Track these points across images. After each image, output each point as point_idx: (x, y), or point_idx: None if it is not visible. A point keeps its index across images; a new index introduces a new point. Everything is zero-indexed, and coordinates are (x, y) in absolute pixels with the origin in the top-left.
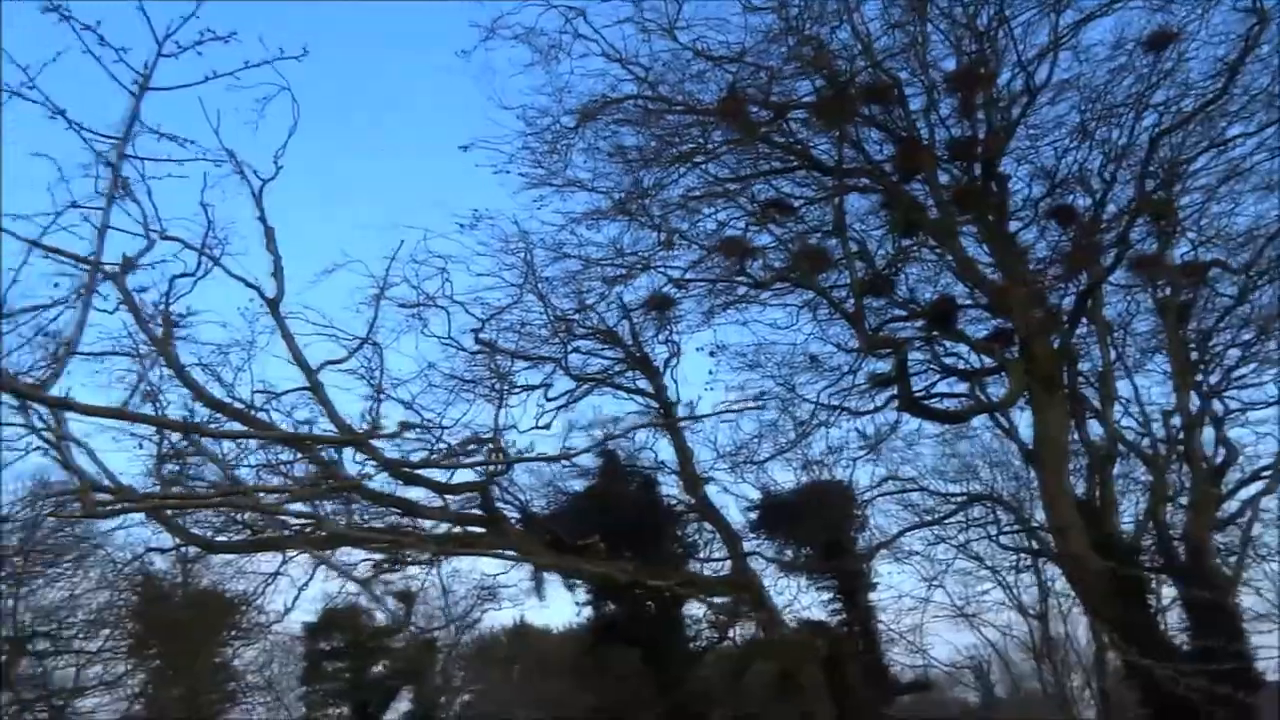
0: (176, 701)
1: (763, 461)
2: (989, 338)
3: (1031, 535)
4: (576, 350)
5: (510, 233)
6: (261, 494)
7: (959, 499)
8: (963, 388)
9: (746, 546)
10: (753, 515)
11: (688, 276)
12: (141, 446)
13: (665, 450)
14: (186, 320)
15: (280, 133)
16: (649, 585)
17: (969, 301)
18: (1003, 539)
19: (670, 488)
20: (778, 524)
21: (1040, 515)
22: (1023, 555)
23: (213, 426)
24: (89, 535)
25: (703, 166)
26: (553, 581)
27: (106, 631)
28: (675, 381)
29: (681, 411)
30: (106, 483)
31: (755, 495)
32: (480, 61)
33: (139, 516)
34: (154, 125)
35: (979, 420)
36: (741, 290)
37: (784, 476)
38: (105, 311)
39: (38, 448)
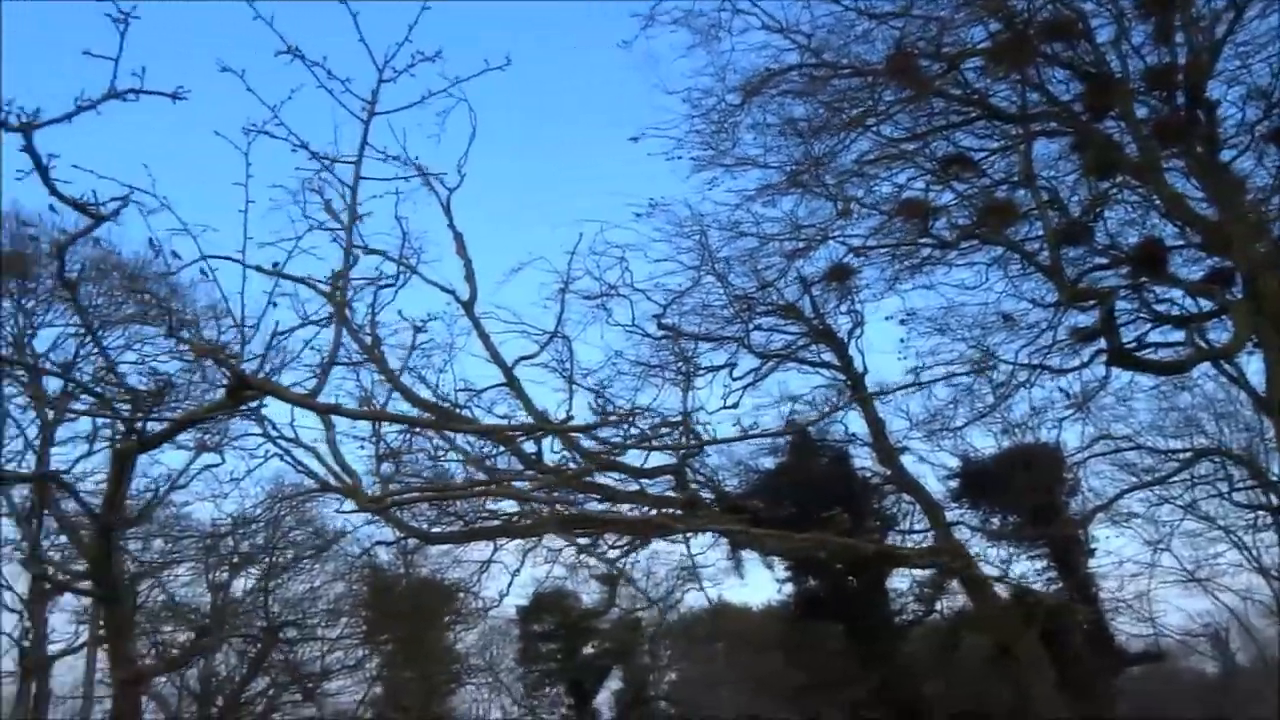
0: (409, 682)
1: (960, 428)
2: (1206, 279)
3: (1270, 490)
4: (759, 328)
5: (684, 217)
6: (515, 482)
7: (1183, 456)
8: (1179, 335)
9: (949, 517)
10: (953, 484)
11: (868, 244)
12: (363, 448)
13: (856, 423)
14: (393, 328)
15: (458, 141)
16: (851, 560)
17: (1180, 242)
18: (1236, 496)
19: (864, 460)
20: (980, 492)
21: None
22: (1261, 512)
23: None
24: (323, 532)
25: (875, 129)
26: (751, 559)
27: (344, 620)
28: (861, 352)
29: (870, 383)
30: (349, 481)
31: (954, 463)
32: (642, 51)
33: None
34: (380, 148)
35: (1200, 369)
36: (926, 253)
37: (984, 442)
38: (317, 324)
39: (275, 454)
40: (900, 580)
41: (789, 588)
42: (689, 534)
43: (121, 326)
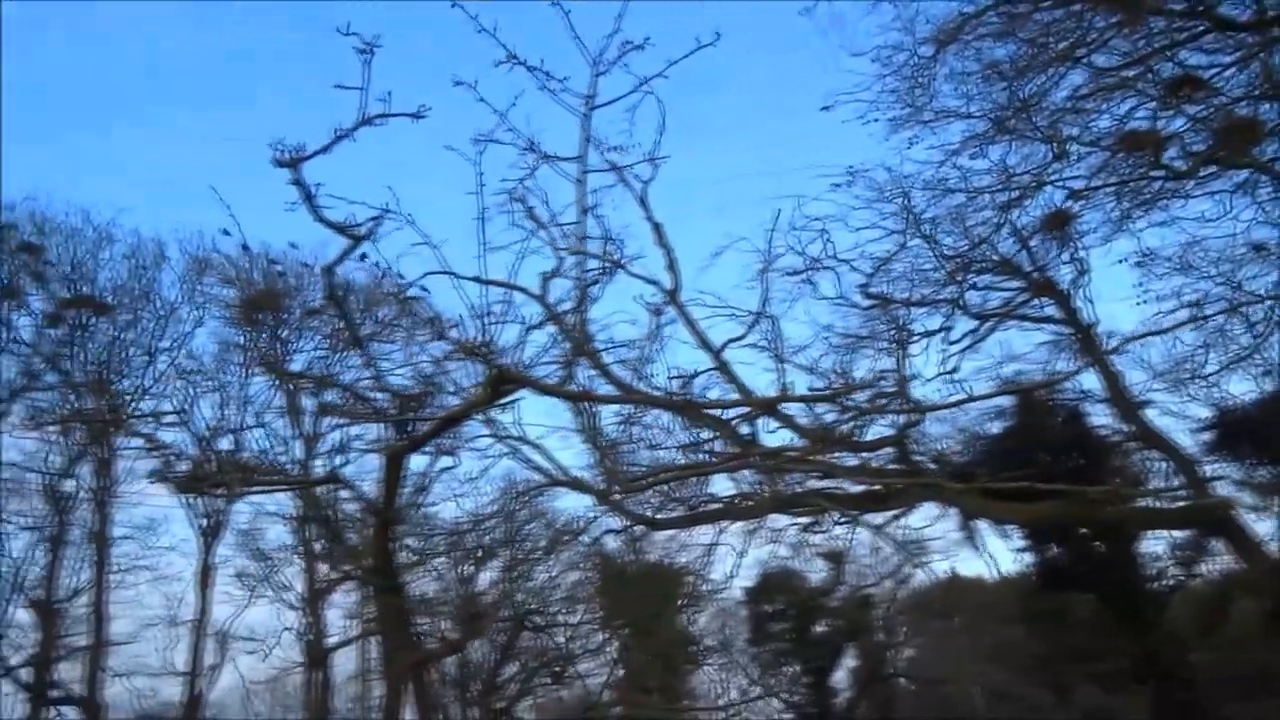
0: (648, 665)
1: (1213, 375)
2: None
3: None
4: (973, 287)
5: (884, 180)
6: (762, 457)
7: None
8: None
9: (1205, 471)
10: (1208, 436)
11: (1090, 185)
12: (584, 440)
13: (1089, 378)
14: (602, 323)
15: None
16: (1096, 524)
17: None
18: None
19: (1101, 418)
20: (1242, 443)
21: None
22: None
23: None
24: (556, 524)
25: (1087, 60)
26: (984, 529)
27: (582, 607)
28: (1089, 301)
29: (1102, 334)
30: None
31: (1208, 414)
32: (825, 14)
33: (590, 501)
34: (601, 141)
35: None
36: (1157, 186)
37: (1242, 388)
38: (531, 326)
39: (506, 453)
40: (1153, 543)
41: (1028, 556)
42: (915, 506)
43: (376, 338)
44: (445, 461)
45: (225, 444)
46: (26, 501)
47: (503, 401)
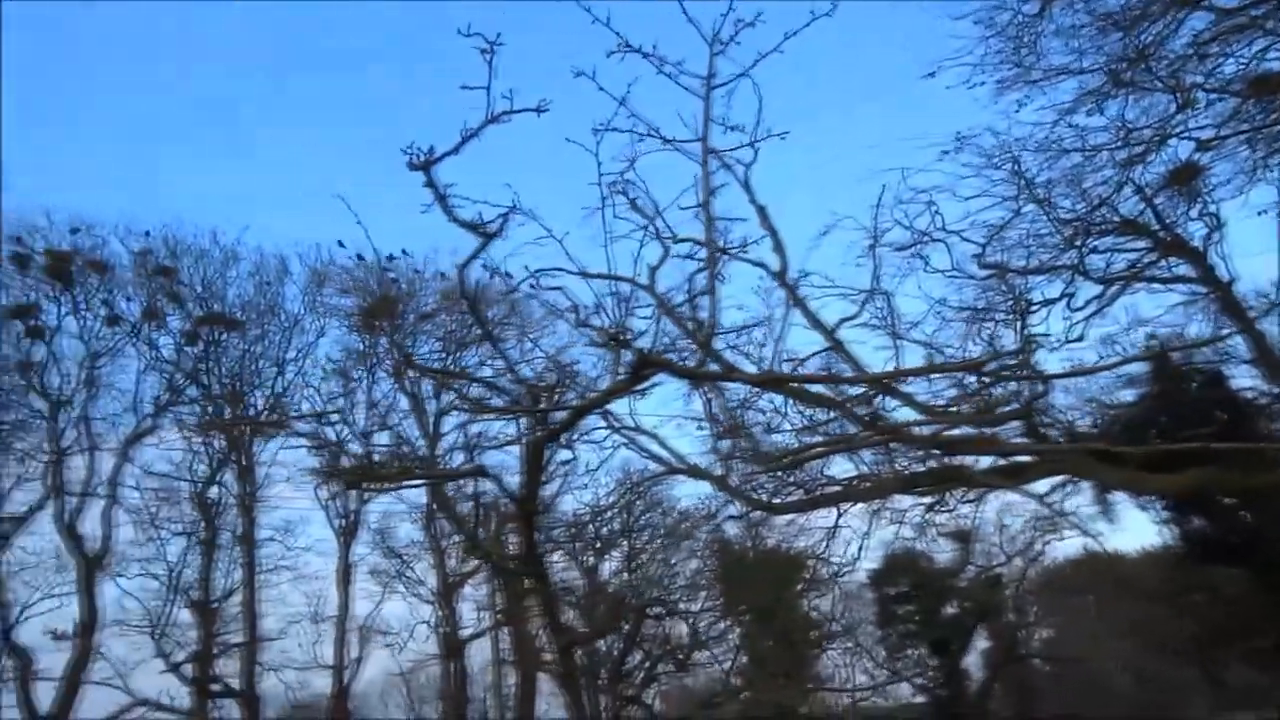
0: (772, 650)
1: None
2: None
3: None
4: (1095, 251)
5: (992, 146)
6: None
7: None
8: None
9: None
10: None
11: (1220, 134)
12: (700, 427)
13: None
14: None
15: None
16: (1244, 492)
17: None
18: None
19: (1244, 379)
20: None
21: None
22: None
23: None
24: (674, 511)
25: (1209, 2)
26: (1120, 501)
27: (703, 594)
28: (1223, 258)
29: (1240, 291)
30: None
31: None
32: None
33: (707, 489)
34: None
35: None
36: None
37: None
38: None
39: (624, 442)
40: None
41: (1170, 529)
42: (1044, 480)
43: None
44: (563, 455)
45: (379, 441)
46: (178, 508)
47: (640, 388)
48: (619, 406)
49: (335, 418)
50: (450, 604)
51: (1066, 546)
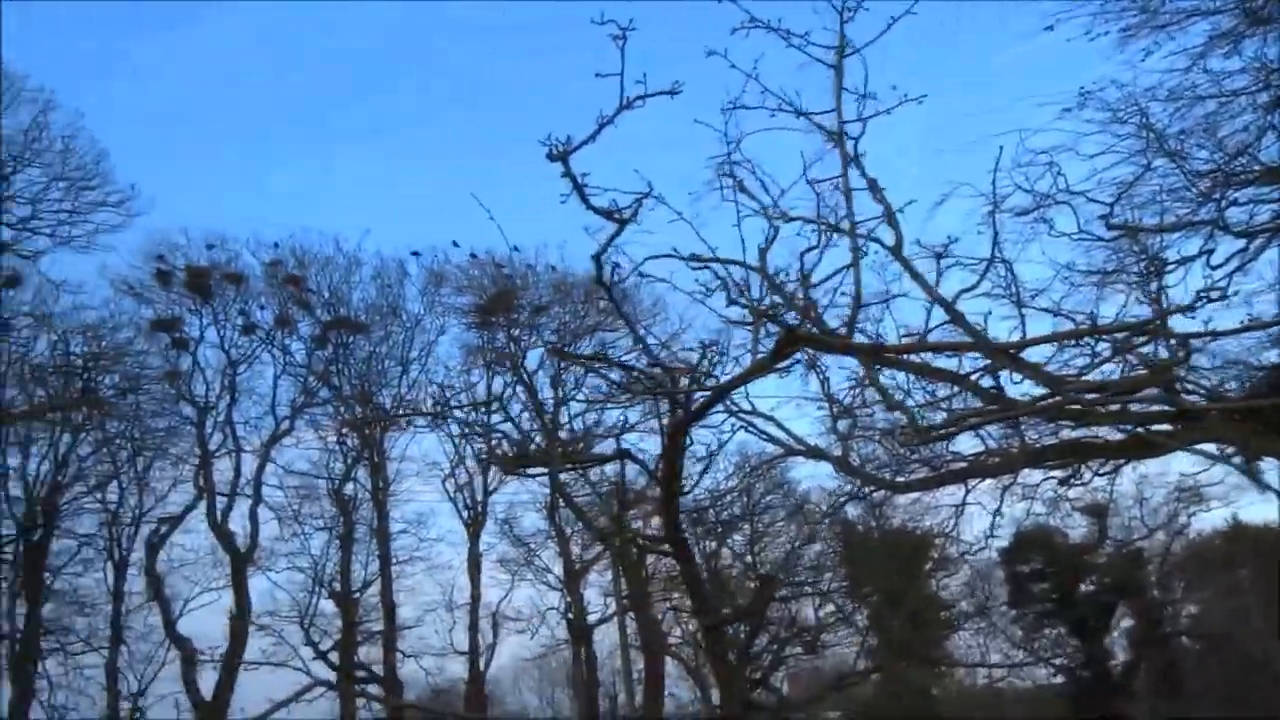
0: (901, 631)
1: None
2: None
3: None
4: (1235, 203)
5: (1117, 99)
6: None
7: None
8: None
9: None
10: None
11: None
12: (821, 408)
13: None
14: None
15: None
16: None
17: None
18: None
19: None
20: None
21: None
22: None
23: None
24: (794, 493)
25: None
26: (1269, 469)
27: (829, 575)
28: None
29: None
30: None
31: None
32: None
33: (827, 470)
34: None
35: None
36: None
37: None
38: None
39: (741, 426)
40: None
41: None
42: (1186, 450)
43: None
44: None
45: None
46: (317, 504)
47: (782, 365)
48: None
49: (494, 406)
50: (576, 590)
51: (1213, 518)
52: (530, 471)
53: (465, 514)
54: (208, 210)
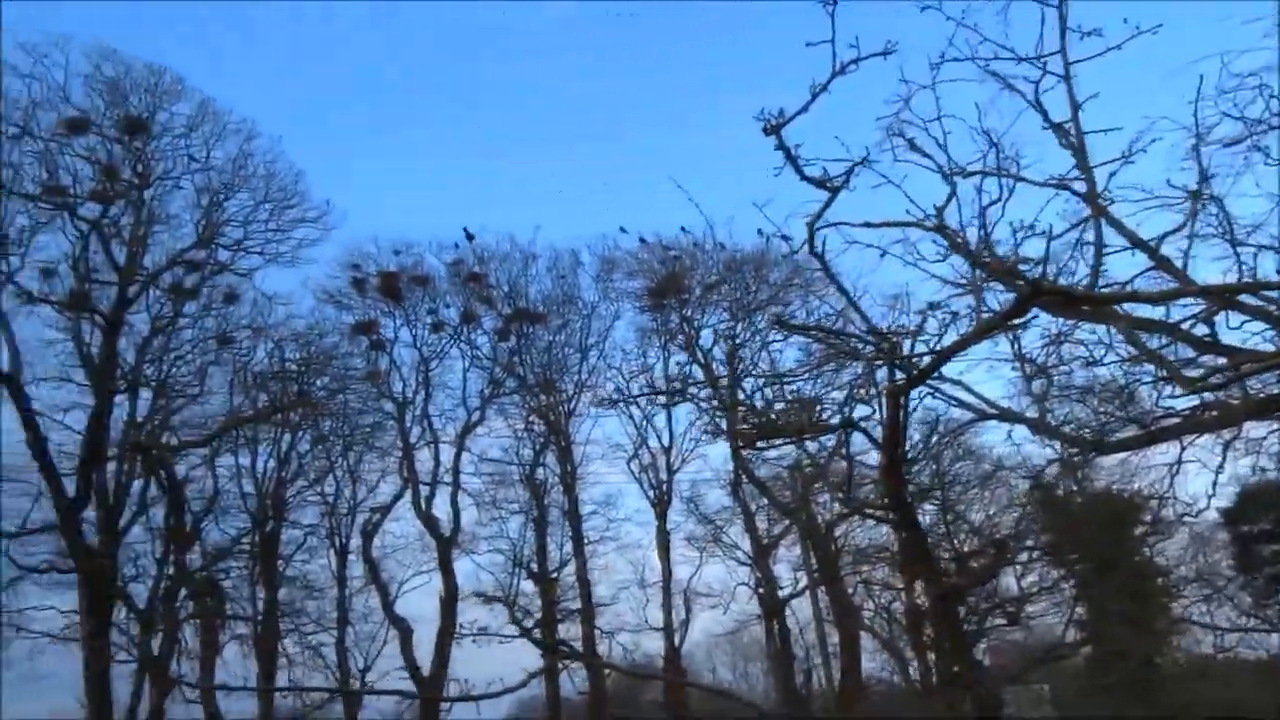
0: (1115, 600)
1: None
2: None
3: None
4: None
5: None
6: None
7: None
8: None
9: None
10: None
11: None
12: (1014, 368)
13: None
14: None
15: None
16: None
17: None
18: None
19: None
20: None
21: None
22: None
23: None
24: (984, 459)
25: None
26: None
27: (1029, 542)
28: None
29: None
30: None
31: None
32: None
33: (1024, 432)
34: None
35: None
36: None
37: None
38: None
39: (928, 392)
40: None
41: None
42: None
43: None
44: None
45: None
46: (512, 490)
47: (1018, 322)
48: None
49: (724, 383)
50: (765, 565)
51: None
52: (766, 445)
53: (651, 494)
54: (381, 215)
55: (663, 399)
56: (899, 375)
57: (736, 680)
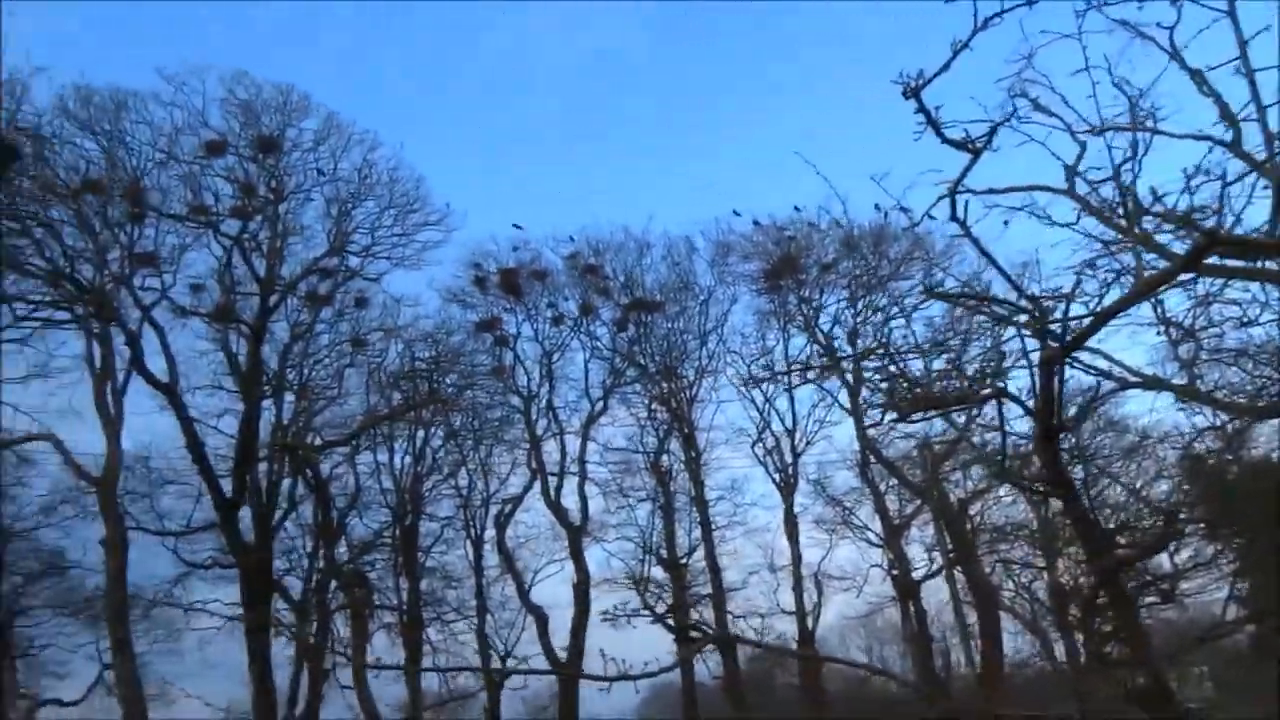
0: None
1: None
2: None
3: None
4: None
5: None
6: None
7: None
8: None
9: None
10: None
11: None
12: (1160, 333)
13: None
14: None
15: None
16: None
17: None
18: None
19: None
20: None
21: None
22: None
23: None
24: (1128, 429)
25: None
26: None
27: (1182, 515)
28: None
29: None
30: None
31: None
32: None
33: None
34: None
35: None
36: None
37: None
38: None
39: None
40: None
41: None
42: None
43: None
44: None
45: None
46: (638, 477)
47: (1186, 276)
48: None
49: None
50: (898, 546)
51: None
52: (916, 417)
53: (776, 477)
54: (496, 213)
55: (812, 373)
56: (1048, 343)
57: (871, 663)
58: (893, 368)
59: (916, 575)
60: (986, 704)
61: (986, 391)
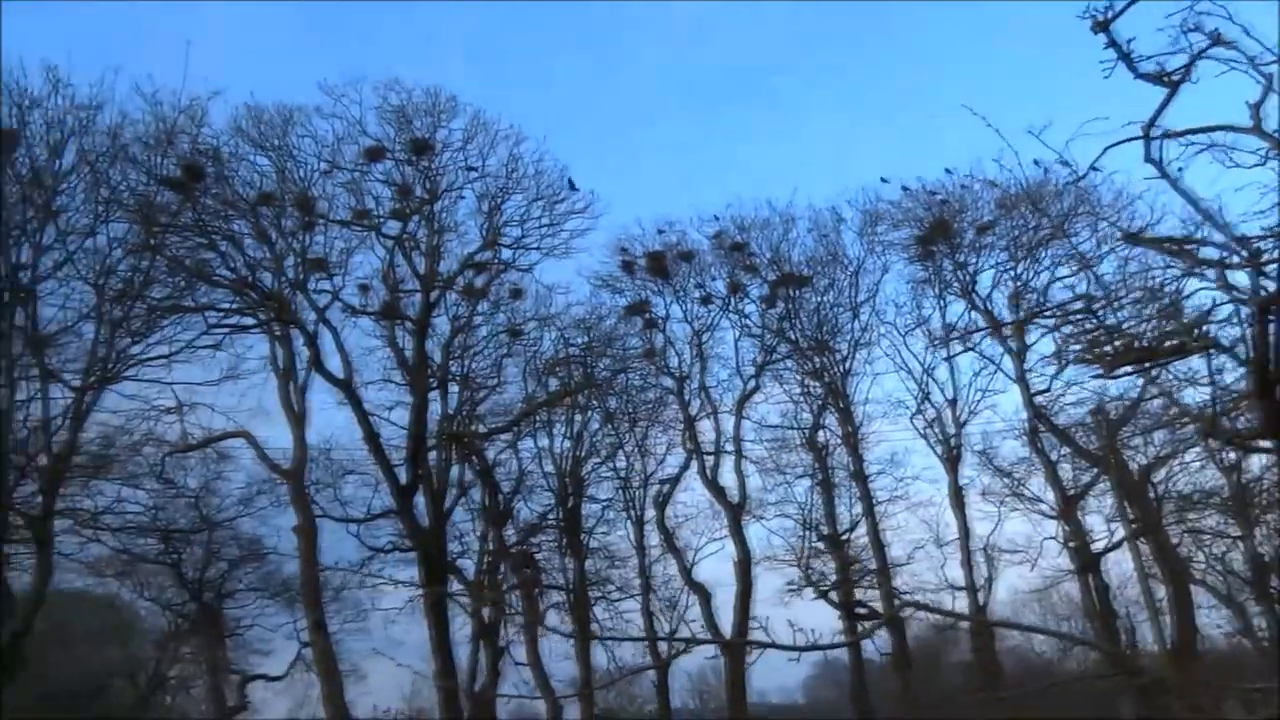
0: None
1: None
2: None
3: None
4: None
5: None
6: None
7: None
8: None
9: None
10: None
11: None
12: None
13: None
14: None
15: None
16: None
17: None
18: None
19: None
20: None
21: None
22: None
23: None
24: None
25: None
26: None
27: None
28: None
29: None
30: None
31: None
32: None
33: None
34: None
35: None
36: None
37: None
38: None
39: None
40: None
41: None
42: None
43: None
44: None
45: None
46: (794, 454)
47: None
48: None
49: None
50: (1074, 517)
51: None
52: (1124, 371)
53: (939, 449)
54: (641, 196)
55: (1008, 329)
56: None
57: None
58: (1091, 321)
59: (1096, 548)
60: (1187, 678)
61: (1196, 344)
